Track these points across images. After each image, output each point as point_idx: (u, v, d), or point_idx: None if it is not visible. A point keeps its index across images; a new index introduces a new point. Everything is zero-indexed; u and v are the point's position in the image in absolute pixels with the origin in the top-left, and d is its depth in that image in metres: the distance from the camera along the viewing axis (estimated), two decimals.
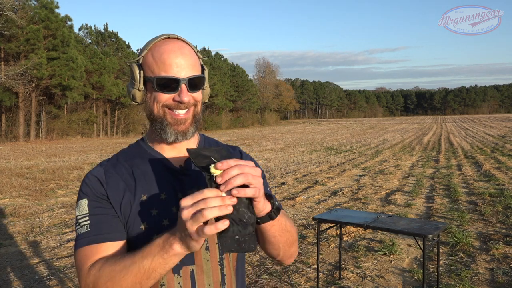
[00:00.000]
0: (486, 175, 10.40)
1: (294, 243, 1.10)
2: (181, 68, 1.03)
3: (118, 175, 1.07)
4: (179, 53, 1.04)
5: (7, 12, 25.53)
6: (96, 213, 1.02)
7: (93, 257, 0.98)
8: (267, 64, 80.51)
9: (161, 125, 1.06)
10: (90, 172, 1.09)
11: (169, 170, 1.09)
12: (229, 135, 36.20)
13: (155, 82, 1.03)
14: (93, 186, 1.05)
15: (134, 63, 1.07)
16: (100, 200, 1.04)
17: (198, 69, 1.08)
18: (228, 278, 1.09)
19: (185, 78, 1.03)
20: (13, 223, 6.58)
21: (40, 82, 30.05)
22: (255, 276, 4.31)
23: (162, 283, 1.03)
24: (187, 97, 1.03)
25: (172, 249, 0.86)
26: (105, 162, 1.12)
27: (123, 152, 1.15)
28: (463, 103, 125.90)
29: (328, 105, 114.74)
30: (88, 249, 0.99)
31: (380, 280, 4.17)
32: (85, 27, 39.90)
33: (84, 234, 1.01)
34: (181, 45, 1.06)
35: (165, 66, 1.02)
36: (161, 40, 1.06)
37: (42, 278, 4.35)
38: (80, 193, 1.06)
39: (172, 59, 1.02)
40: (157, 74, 1.03)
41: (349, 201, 7.85)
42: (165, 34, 1.07)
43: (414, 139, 25.45)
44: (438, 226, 3.45)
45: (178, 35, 1.08)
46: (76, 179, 10.92)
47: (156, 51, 1.04)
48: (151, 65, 1.04)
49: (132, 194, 1.05)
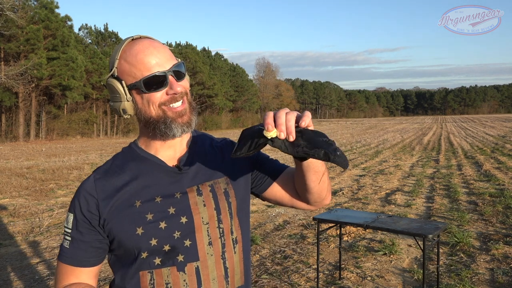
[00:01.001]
0: (486, 175, 10.40)
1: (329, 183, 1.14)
2: (161, 62, 1.02)
3: (109, 182, 1.07)
4: (153, 49, 1.02)
5: (7, 12, 25.54)
6: (76, 236, 1.07)
7: (67, 278, 1.08)
8: (267, 64, 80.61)
9: (164, 124, 1.04)
10: (82, 186, 1.09)
11: (164, 171, 1.09)
12: (229, 135, 36.21)
13: (142, 85, 1.01)
14: (82, 203, 1.06)
15: (110, 78, 1.05)
16: (84, 221, 1.06)
17: (174, 57, 1.07)
18: (231, 271, 1.10)
19: (169, 70, 1.02)
20: (13, 223, 6.58)
21: (40, 82, 30.06)
22: (255, 276, 4.31)
23: (167, 282, 1.03)
24: (179, 87, 1.03)
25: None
26: (98, 170, 1.12)
27: (117, 156, 1.14)
28: (463, 103, 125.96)
29: (328, 105, 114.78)
30: (64, 268, 1.08)
31: (380, 280, 4.17)
32: (85, 27, 39.94)
33: (64, 249, 1.08)
34: (150, 42, 1.04)
35: (145, 65, 1.01)
36: (127, 44, 1.04)
37: (42, 278, 4.35)
38: (71, 204, 1.09)
39: (149, 57, 1.01)
40: (140, 77, 1.01)
41: (349, 201, 7.85)
42: (128, 38, 1.05)
43: (414, 139, 25.45)
44: (438, 226, 3.44)
45: (141, 34, 1.06)
46: (76, 179, 10.93)
47: (128, 56, 1.02)
48: (129, 71, 1.02)
49: (125, 200, 1.05)
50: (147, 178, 1.07)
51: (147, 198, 1.05)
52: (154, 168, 1.09)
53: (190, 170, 1.10)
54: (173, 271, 1.04)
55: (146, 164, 1.09)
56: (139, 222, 1.03)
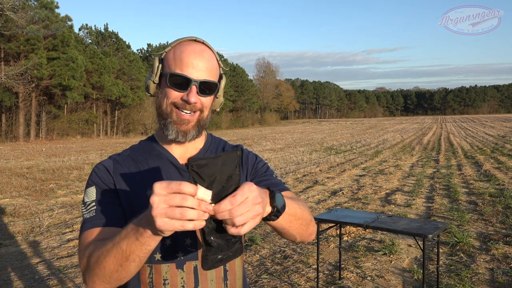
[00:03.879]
0: (486, 175, 10.40)
1: (308, 225, 1.08)
2: (196, 69, 1.04)
3: (126, 168, 1.11)
4: (198, 55, 1.05)
5: (7, 12, 25.52)
6: (102, 201, 1.06)
7: (91, 239, 1.01)
8: (267, 64, 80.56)
9: (165, 121, 1.08)
10: (100, 163, 1.13)
11: (175, 167, 1.12)
12: (229, 135, 36.20)
13: (168, 77, 1.05)
14: (102, 175, 1.09)
15: (156, 56, 1.09)
16: (107, 189, 1.08)
17: (215, 75, 1.09)
18: (231, 274, 1.10)
19: (197, 80, 1.04)
20: (13, 223, 6.58)
21: (40, 82, 30.05)
22: (255, 276, 4.31)
23: (165, 278, 1.05)
24: (195, 98, 1.04)
25: (145, 232, 0.83)
26: (115, 155, 1.16)
27: (134, 148, 1.18)
28: (463, 103, 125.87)
29: (328, 105, 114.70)
30: (90, 232, 1.03)
31: (380, 280, 4.17)
32: (85, 27, 39.89)
33: (89, 218, 1.04)
34: (203, 49, 1.07)
35: (182, 64, 1.04)
36: (186, 40, 1.08)
37: (42, 278, 4.35)
38: (89, 181, 1.10)
39: (190, 59, 1.04)
40: (173, 70, 1.05)
41: (349, 201, 7.85)
42: (192, 37, 1.09)
43: (414, 139, 25.45)
44: (438, 226, 3.45)
45: (204, 40, 1.09)
46: (76, 179, 10.92)
47: (178, 50, 1.06)
48: (170, 61, 1.06)
49: (138, 188, 1.08)
50: (160, 171, 1.11)
51: None
52: (166, 163, 1.13)
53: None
54: (172, 268, 1.05)
55: (160, 159, 1.13)
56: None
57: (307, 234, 1.10)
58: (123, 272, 0.91)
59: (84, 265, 0.97)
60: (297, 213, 1.02)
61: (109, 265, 0.91)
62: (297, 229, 1.04)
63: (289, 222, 1.00)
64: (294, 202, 1.03)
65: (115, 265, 0.91)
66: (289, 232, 1.03)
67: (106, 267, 0.91)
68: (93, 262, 0.94)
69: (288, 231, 1.03)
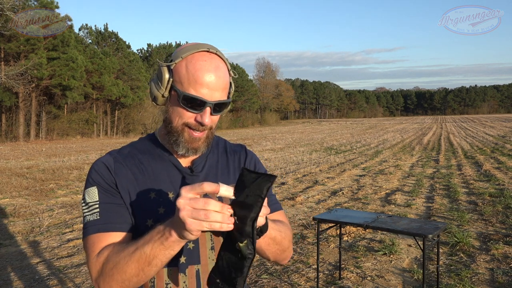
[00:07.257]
0: (486, 175, 10.40)
1: (284, 251, 1.11)
2: (212, 90, 1.01)
3: (127, 167, 1.08)
4: (213, 73, 1.01)
5: (7, 12, 25.52)
6: (106, 202, 1.04)
7: (101, 244, 1.00)
8: (267, 64, 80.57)
9: (176, 139, 1.06)
10: (100, 160, 1.10)
11: (178, 170, 1.11)
12: (229, 135, 36.21)
13: (181, 98, 1.01)
14: (103, 173, 1.06)
15: (165, 66, 1.04)
16: (109, 189, 1.05)
17: (227, 90, 1.07)
18: None
19: (212, 102, 1.01)
20: (13, 223, 6.58)
21: (40, 82, 30.05)
22: (255, 276, 4.31)
23: (167, 282, 1.04)
24: (209, 120, 1.03)
25: (171, 236, 0.86)
26: (114, 152, 1.12)
27: (134, 145, 1.15)
28: (463, 103, 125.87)
29: (328, 105, 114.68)
30: (97, 237, 1.01)
31: (380, 280, 4.17)
32: (85, 27, 39.87)
33: (94, 221, 1.02)
34: (217, 65, 1.02)
35: (196, 84, 1.00)
36: (199, 52, 1.02)
37: (42, 278, 4.35)
38: (90, 180, 1.07)
39: (205, 79, 1.00)
40: (186, 90, 1.01)
41: (349, 201, 7.85)
42: (203, 46, 1.03)
43: (414, 139, 25.45)
44: (438, 226, 3.45)
45: (217, 50, 1.05)
46: (76, 179, 10.93)
47: (191, 64, 1.01)
48: (183, 77, 1.01)
49: (140, 189, 1.07)
50: (163, 173, 1.10)
51: (161, 192, 1.07)
52: (169, 166, 1.11)
53: (201, 174, 1.13)
54: (174, 271, 1.05)
55: (163, 161, 1.12)
56: (151, 215, 1.05)
57: (281, 258, 1.13)
58: (143, 276, 0.93)
59: (98, 271, 0.96)
60: (277, 238, 1.04)
61: (131, 270, 0.92)
62: (273, 253, 1.08)
63: (267, 245, 1.03)
64: (276, 227, 1.05)
65: (137, 270, 0.91)
66: (264, 253, 1.08)
67: (127, 272, 0.92)
68: (110, 267, 0.94)
69: (264, 253, 1.07)
